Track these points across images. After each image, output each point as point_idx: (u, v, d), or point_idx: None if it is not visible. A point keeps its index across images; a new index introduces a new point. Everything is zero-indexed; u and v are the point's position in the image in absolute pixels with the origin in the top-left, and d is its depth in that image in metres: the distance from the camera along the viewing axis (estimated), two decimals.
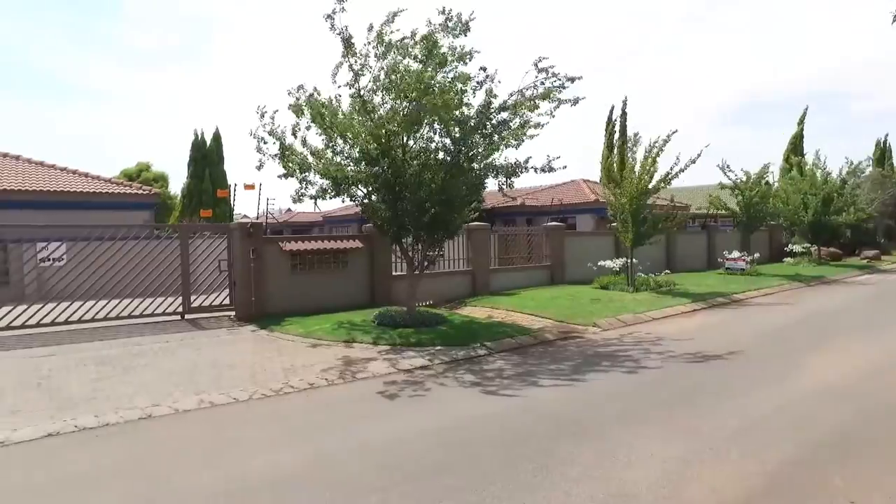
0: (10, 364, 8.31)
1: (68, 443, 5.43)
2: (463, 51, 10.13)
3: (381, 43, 10.09)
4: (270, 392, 6.90)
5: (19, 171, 19.75)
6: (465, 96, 10.29)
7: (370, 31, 10.11)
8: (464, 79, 10.18)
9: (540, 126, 10.61)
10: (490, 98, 10.37)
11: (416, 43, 10.01)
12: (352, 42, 10.07)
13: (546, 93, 10.23)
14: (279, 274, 12.46)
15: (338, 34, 10.02)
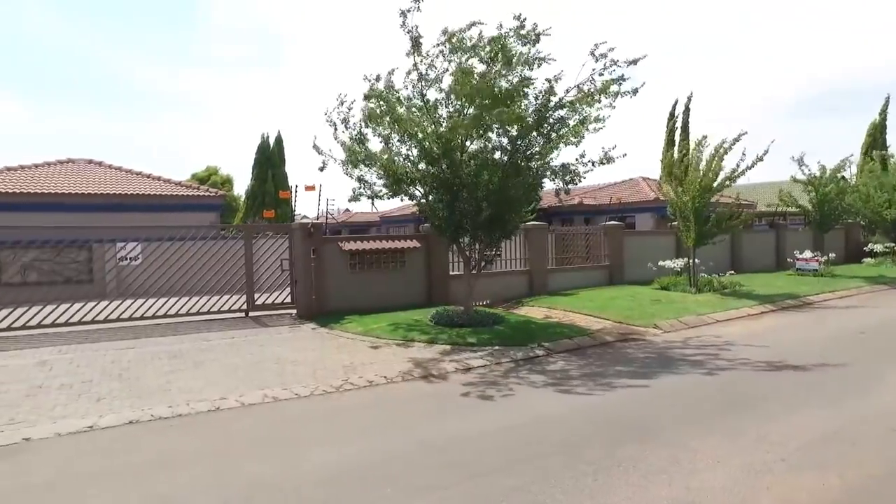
0: (96, 356, 8.86)
1: (145, 430, 5.75)
2: (531, 56, 10.09)
3: (451, 46, 10.14)
4: (331, 389, 7.07)
5: (102, 176, 21.04)
6: (526, 100, 10.24)
7: (444, 34, 10.17)
8: (527, 83, 10.12)
9: (601, 120, 10.41)
10: (548, 97, 10.27)
11: (484, 45, 10.02)
12: (420, 42, 10.19)
13: (605, 87, 10.04)
14: (338, 273, 12.74)
15: (407, 32, 10.15)
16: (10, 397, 6.78)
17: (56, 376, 7.70)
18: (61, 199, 18.32)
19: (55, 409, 6.31)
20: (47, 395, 6.83)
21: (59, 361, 8.55)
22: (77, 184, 19.72)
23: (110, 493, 4.30)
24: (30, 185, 18.93)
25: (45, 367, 8.24)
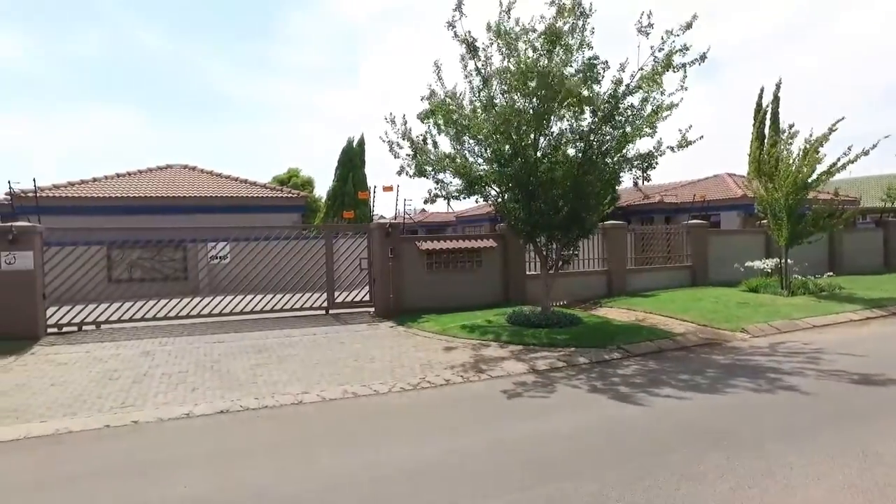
0: (191, 348, 9.47)
1: (234, 420, 6.08)
2: (584, 37, 9.91)
3: (500, 38, 10.13)
4: (408, 386, 7.19)
5: (194, 180, 22.45)
6: (591, 84, 10.03)
7: (489, 30, 10.20)
8: (590, 66, 9.92)
9: (674, 105, 10.05)
10: (616, 86, 9.99)
11: (539, 36, 9.94)
12: (475, 45, 10.23)
13: (668, 60, 9.69)
14: (415, 272, 12.94)
15: (462, 41, 10.22)
16: (122, 383, 7.38)
17: (157, 366, 8.29)
18: (160, 201, 19.70)
19: (157, 396, 6.81)
20: (150, 383, 7.37)
21: (160, 352, 9.19)
22: (174, 187, 21.14)
23: (203, 477, 4.57)
24: (135, 189, 20.47)
25: (149, 357, 8.89)
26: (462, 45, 10.29)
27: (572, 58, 10.01)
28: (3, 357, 8.89)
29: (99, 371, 8.04)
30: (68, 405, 6.53)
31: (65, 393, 7.00)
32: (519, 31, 10.08)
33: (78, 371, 8.08)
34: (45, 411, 6.32)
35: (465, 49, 10.29)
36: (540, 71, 9.71)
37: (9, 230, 10.34)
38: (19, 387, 7.32)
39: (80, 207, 18.53)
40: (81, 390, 7.10)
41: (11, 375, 7.95)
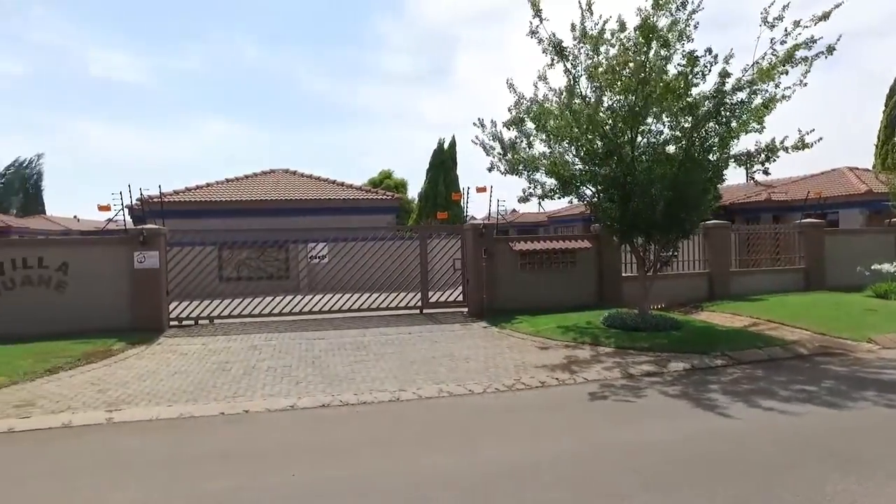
0: (294, 344, 9.99)
1: (335, 414, 6.35)
2: (684, 28, 9.45)
3: (586, 39, 9.89)
4: (503, 387, 7.19)
5: (295, 183, 23.66)
6: (692, 79, 9.57)
7: (573, 29, 9.99)
8: (691, 61, 9.45)
9: (786, 98, 9.37)
10: (723, 80, 9.44)
11: (633, 31, 9.61)
12: (563, 47, 10.05)
13: (789, 54, 9.00)
14: (509, 273, 12.91)
15: (547, 46, 10.07)
16: (233, 374, 7.92)
17: (264, 359, 8.81)
18: (264, 204, 20.93)
19: (265, 388, 7.24)
20: (258, 375, 7.86)
21: (266, 347, 9.77)
22: (276, 191, 22.38)
23: (309, 467, 4.81)
24: (241, 193, 21.89)
25: (256, 351, 9.48)
26: (547, 50, 10.14)
27: (671, 53, 9.61)
28: (137, 346, 9.81)
29: (214, 362, 8.67)
30: (189, 392, 7.09)
31: (186, 381, 7.61)
32: (604, 30, 9.80)
33: (196, 361, 8.75)
34: (171, 396, 6.91)
35: (551, 52, 10.15)
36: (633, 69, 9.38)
37: (140, 233, 11.41)
38: (150, 373, 8.05)
39: (195, 211, 20.07)
40: (199, 379, 7.68)
41: (144, 362, 8.77)
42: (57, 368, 8.21)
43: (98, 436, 5.79)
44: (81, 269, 11.19)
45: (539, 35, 10.04)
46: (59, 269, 11.13)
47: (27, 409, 6.48)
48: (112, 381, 7.67)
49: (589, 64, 10.05)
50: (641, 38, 9.50)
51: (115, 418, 6.20)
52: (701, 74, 9.56)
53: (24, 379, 7.69)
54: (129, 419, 6.18)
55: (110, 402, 6.73)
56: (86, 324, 10.68)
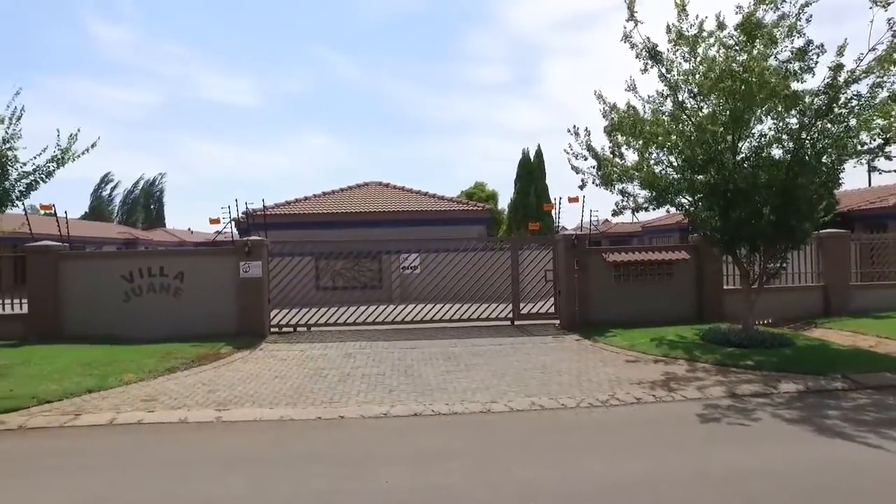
0: (386, 353, 10.24)
1: (427, 423, 6.43)
2: (794, 22, 8.83)
3: (681, 41, 9.47)
4: (597, 402, 6.98)
5: (388, 196, 24.35)
6: (801, 76, 8.91)
7: (668, 32, 9.59)
8: (799, 56, 8.81)
9: None
10: (835, 73, 8.70)
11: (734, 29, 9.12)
12: (658, 51, 9.70)
13: None
14: (602, 285, 12.58)
15: (641, 50, 9.76)
16: (329, 381, 8.23)
17: (358, 367, 9.09)
18: (359, 216, 21.67)
19: (359, 395, 7.46)
20: (353, 383, 8.11)
21: (360, 355, 10.08)
22: (370, 203, 23.11)
23: (402, 474, 4.89)
24: (337, 206, 22.81)
25: (351, 358, 9.80)
26: (641, 54, 9.84)
27: (776, 49, 9.03)
28: (242, 350, 10.46)
29: (311, 368, 9.05)
30: (289, 396, 7.44)
31: (285, 385, 8.00)
32: (702, 31, 9.37)
33: (295, 367, 9.18)
34: (272, 399, 7.29)
35: (645, 56, 9.83)
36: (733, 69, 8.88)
37: (245, 244, 12.20)
38: (253, 376, 8.54)
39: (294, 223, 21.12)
40: (298, 384, 8.04)
41: (248, 366, 9.33)
42: (175, 368, 8.92)
43: (209, 432, 6.22)
44: (195, 277, 12.12)
45: (633, 39, 9.79)
46: (176, 277, 12.11)
47: (151, 404, 7.09)
48: (221, 382, 8.21)
49: (685, 68, 9.67)
50: (743, 36, 9.00)
51: (223, 417, 6.62)
52: (809, 70, 8.91)
53: (149, 377, 8.42)
54: (236, 419, 6.58)
55: (219, 401, 7.20)
56: (198, 328, 11.53)
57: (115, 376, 8.25)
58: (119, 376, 8.25)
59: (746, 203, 9.39)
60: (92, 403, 7.19)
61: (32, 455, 5.68)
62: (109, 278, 12.03)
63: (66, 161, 9.22)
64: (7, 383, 7.87)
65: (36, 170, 9.10)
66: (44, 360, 9.25)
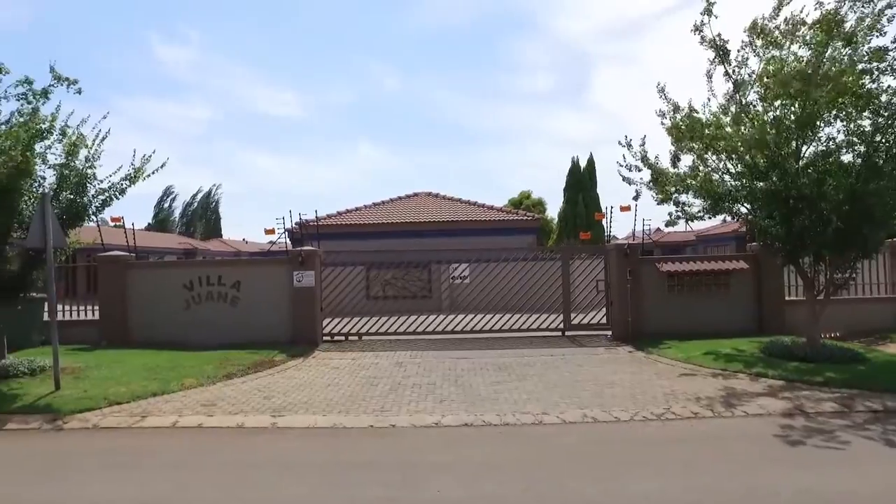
0: (437, 362, 10.27)
1: (478, 433, 6.39)
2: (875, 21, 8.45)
3: (762, 37, 9.17)
4: (651, 416, 6.80)
5: (437, 206, 24.53)
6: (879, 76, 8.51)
7: (753, 29, 9.29)
8: (877, 55, 8.42)
9: None
10: None
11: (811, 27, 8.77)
12: (726, 49, 9.44)
13: None
14: (655, 295, 12.28)
15: (709, 45, 9.52)
16: (381, 389, 8.30)
17: (409, 376, 9.15)
18: (408, 227, 21.89)
19: (410, 404, 7.50)
20: (404, 392, 8.16)
21: (411, 364, 10.14)
22: (420, 213, 23.34)
23: (453, 484, 4.88)
24: (387, 216, 23.13)
25: (401, 367, 9.87)
26: (710, 50, 9.60)
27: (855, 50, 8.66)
28: (296, 358, 10.69)
29: (362, 377, 9.17)
30: (341, 404, 7.55)
31: (338, 393, 8.12)
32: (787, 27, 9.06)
33: (347, 375, 9.32)
34: (325, 407, 7.41)
35: (713, 54, 9.59)
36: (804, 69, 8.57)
37: (298, 254, 12.50)
38: (306, 384, 8.72)
39: (345, 233, 21.54)
40: (350, 392, 8.16)
41: (302, 373, 9.53)
42: (232, 375, 9.19)
43: (265, 437, 6.38)
44: (251, 286, 12.49)
45: (703, 33, 9.57)
46: (233, 286, 12.52)
47: (210, 409, 7.33)
48: (275, 389, 8.41)
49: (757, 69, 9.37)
50: (820, 36, 8.67)
51: (278, 423, 6.78)
52: (890, 70, 8.51)
53: (208, 382, 8.71)
54: (291, 425, 6.73)
55: (274, 408, 7.38)
56: (253, 335, 11.87)
57: (177, 381, 8.57)
58: (180, 381, 8.58)
59: (811, 210, 9.01)
60: (156, 406, 7.50)
61: (106, 452, 6.01)
62: (171, 287, 12.54)
63: (137, 180, 9.72)
64: (83, 384, 8.32)
65: (111, 187, 9.63)
66: (113, 364, 9.71)
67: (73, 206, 9.34)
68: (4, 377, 8.62)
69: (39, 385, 8.31)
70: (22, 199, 8.83)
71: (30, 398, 7.74)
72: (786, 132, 9.09)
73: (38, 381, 8.50)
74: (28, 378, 8.69)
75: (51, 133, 8.96)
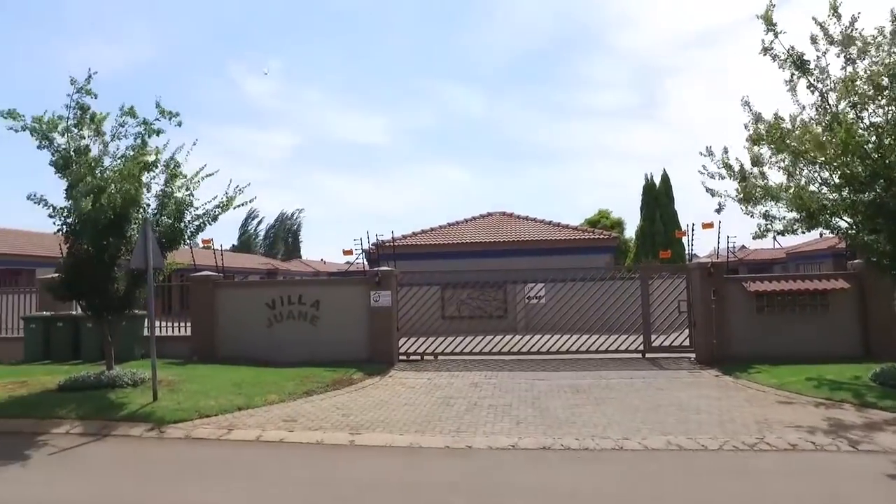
0: (512, 383, 10.14)
1: (556, 457, 6.22)
2: None
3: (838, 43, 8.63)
4: (743, 445, 6.38)
5: (511, 225, 24.46)
6: None
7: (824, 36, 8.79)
8: None
9: None
10: None
11: None
12: (804, 60, 8.95)
13: None
14: (743, 316, 11.62)
15: (785, 60, 9.05)
16: (457, 410, 8.27)
17: (484, 397, 9.07)
18: (483, 246, 21.92)
19: (486, 425, 7.42)
20: (480, 412, 8.09)
21: (486, 385, 10.06)
22: (494, 233, 23.33)
23: None
24: (462, 236, 23.27)
25: (477, 388, 9.81)
26: (785, 65, 9.14)
27: None
28: (373, 377, 10.87)
29: (438, 397, 9.17)
30: (418, 423, 7.58)
31: (414, 412, 8.16)
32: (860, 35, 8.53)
33: (423, 395, 9.35)
34: (401, 426, 7.46)
35: (790, 67, 9.12)
36: None
37: (376, 274, 12.78)
38: (383, 402, 8.83)
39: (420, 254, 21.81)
40: (426, 412, 8.17)
41: (379, 392, 9.67)
42: (311, 392, 9.45)
43: (343, 454, 6.49)
44: (329, 305, 12.86)
45: (774, 51, 9.16)
46: (313, 305, 12.93)
47: (291, 424, 7.56)
48: (353, 407, 8.56)
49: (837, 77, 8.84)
50: None
51: (356, 441, 6.88)
52: None
53: (289, 398, 9.00)
54: (368, 443, 6.81)
55: (352, 425, 7.50)
56: (332, 353, 12.18)
57: (260, 396, 8.91)
58: (263, 397, 8.91)
59: None
60: (241, 420, 7.82)
61: (197, 461, 6.39)
62: (255, 305, 13.11)
63: (229, 208, 10.39)
64: (177, 396, 8.82)
65: (205, 214, 10.31)
66: (203, 378, 10.23)
67: (172, 231, 10.03)
68: (112, 387, 9.35)
69: (140, 395, 8.89)
70: (131, 226, 9.60)
71: (133, 407, 8.33)
72: (890, 137, 8.46)
73: (139, 392, 9.10)
74: (130, 388, 9.35)
75: (156, 165, 9.71)
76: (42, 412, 8.25)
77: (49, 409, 8.36)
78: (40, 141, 9.13)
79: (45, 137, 9.12)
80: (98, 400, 8.68)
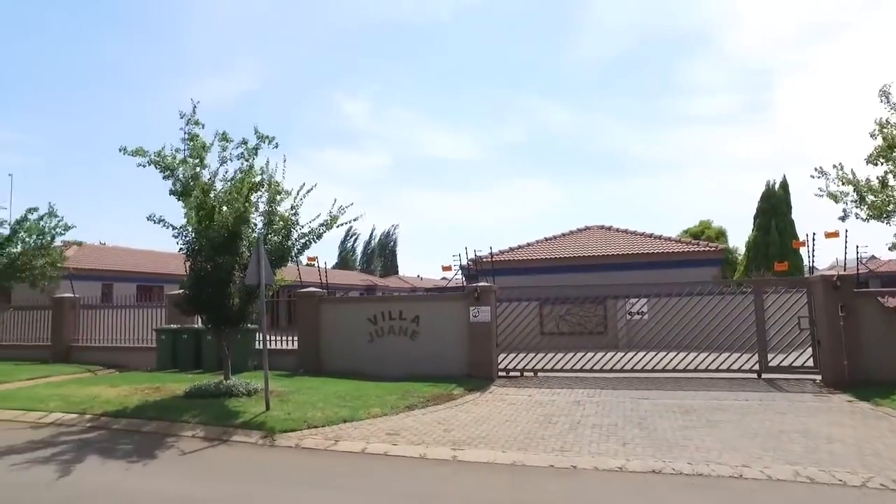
0: (616, 402, 9.77)
1: (666, 483, 5.88)
2: None
3: None
4: (893, 483, 5.70)
5: (611, 239, 23.74)
6: None
7: None
8: None
9: None
10: None
11: None
12: None
13: None
14: (879, 335, 10.53)
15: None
16: (559, 428, 8.08)
17: (588, 416, 8.78)
18: (581, 261, 21.41)
19: (591, 445, 7.17)
20: (583, 431, 7.84)
21: (589, 403, 9.75)
22: (592, 247, 22.74)
23: None
24: (559, 250, 22.87)
25: (579, 406, 9.53)
26: None
27: None
28: (473, 393, 10.86)
29: (539, 414, 8.99)
30: (520, 441, 7.46)
31: (515, 430, 8.04)
32: None
33: (524, 412, 9.21)
34: (503, 443, 7.38)
35: None
36: None
37: (474, 290, 12.83)
38: (484, 419, 8.78)
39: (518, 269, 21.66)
40: (528, 430, 8.03)
41: (479, 408, 9.63)
42: (413, 406, 9.59)
43: (446, 470, 6.50)
44: (429, 321, 13.04)
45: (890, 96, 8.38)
46: (413, 320, 13.17)
47: (394, 438, 7.70)
48: (454, 422, 8.58)
49: None
50: None
51: (458, 457, 6.88)
52: None
53: (391, 412, 9.18)
54: (471, 459, 6.79)
55: (454, 441, 7.51)
56: (431, 368, 12.32)
57: (364, 409, 9.15)
58: (367, 410, 9.14)
59: None
60: (346, 432, 8.06)
61: (307, 470, 6.68)
62: (358, 320, 13.55)
63: (332, 226, 10.93)
64: (287, 407, 9.27)
65: (311, 232, 10.91)
66: (310, 390, 10.70)
67: (280, 249, 10.66)
68: (229, 395, 10.05)
69: (254, 405, 9.44)
70: (242, 244, 10.30)
71: (248, 416, 8.87)
72: None
73: (253, 402, 9.68)
74: (245, 398, 10.00)
75: (262, 185, 10.40)
76: (173, 415, 9.11)
77: (178, 413, 9.18)
78: (163, 172, 10.02)
79: (167, 168, 10.00)
80: (218, 407, 9.37)
